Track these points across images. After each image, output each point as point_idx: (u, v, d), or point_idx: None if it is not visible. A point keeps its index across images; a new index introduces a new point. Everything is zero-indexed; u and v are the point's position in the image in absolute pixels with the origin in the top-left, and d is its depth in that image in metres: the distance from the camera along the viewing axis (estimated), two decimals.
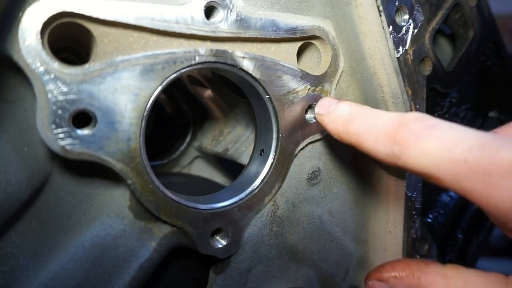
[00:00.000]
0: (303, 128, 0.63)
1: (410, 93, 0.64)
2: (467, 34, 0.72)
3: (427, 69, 0.66)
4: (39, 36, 0.43)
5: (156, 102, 1.20)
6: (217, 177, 0.96)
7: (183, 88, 0.97)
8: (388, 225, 0.70)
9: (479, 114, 0.84)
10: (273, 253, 0.65)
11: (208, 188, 0.77)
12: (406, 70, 0.63)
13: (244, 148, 0.79)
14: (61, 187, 0.53)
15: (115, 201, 0.54)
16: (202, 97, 0.91)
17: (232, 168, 0.91)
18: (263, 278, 0.65)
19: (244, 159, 0.78)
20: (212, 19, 0.54)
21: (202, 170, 0.99)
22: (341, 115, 0.52)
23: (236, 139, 0.84)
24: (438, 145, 0.38)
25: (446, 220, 0.83)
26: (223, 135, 0.89)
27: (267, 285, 0.65)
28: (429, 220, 0.81)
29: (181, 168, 0.98)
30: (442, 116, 0.74)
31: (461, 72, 0.71)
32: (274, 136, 0.62)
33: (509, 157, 0.34)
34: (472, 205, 0.86)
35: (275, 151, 0.62)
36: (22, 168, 0.48)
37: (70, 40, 0.54)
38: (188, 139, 0.98)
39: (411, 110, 0.65)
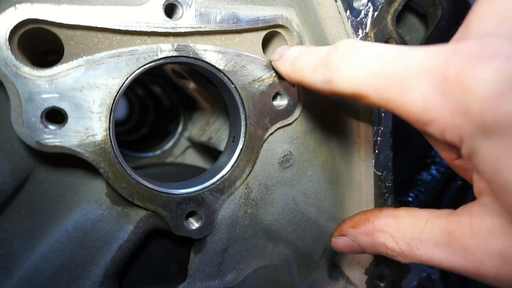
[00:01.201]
0: (271, 114, 0.66)
1: None
2: (435, 12, 0.72)
3: None
4: (7, 43, 0.48)
5: (155, 96, 1.25)
6: (209, 165, 1.01)
7: (172, 82, 1.01)
8: (361, 205, 0.72)
9: None
10: (248, 233, 0.69)
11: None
12: None
13: (224, 136, 0.83)
14: (45, 178, 0.58)
15: (94, 189, 0.59)
16: (188, 89, 0.95)
17: (217, 155, 0.95)
18: (240, 257, 0.69)
19: (223, 146, 0.81)
20: (172, 16, 0.57)
21: (194, 159, 1.04)
22: (290, 56, 0.55)
23: (219, 128, 0.88)
24: (361, 62, 0.39)
25: (427, 199, 0.84)
26: (209, 125, 0.93)
27: (244, 263, 0.69)
28: (410, 199, 0.83)
29: (174, 158, 1.03)
30: None
31: None
32: (243, 123, 0.65)
33: (416, 58, 0.34)
34: (454, 182, 0.87)
35: (244, 137, 0.65)
36: (5, 163, 0.54)
37: (51, 43, 0.59)
38: (179, 130, 1.03)
39: None
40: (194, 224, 0.63)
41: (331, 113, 0.73)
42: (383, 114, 0.68)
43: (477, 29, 0.36)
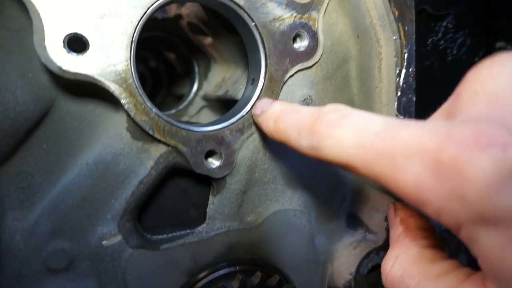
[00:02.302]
0: (291, 55, 0.65)
1: (397, 14, 0.64)
2: None
3: None
4: None
5: (168, 63, 1.24)
6: None
7: (188, 41, 1.01)
8: None
9: (482, 43, 0.81)
10: (268, 177, 0.68)
11: None
12: None
13: (241, 87, 0.82)
14: (66, 113, 0.58)
15: (114, 124, 0.59)
16: (204, 46, 0.94)
17: None
18: (259, 201, 0.68)
19: (240, 96, 0.81)
20: None
21: (209, 118, 1.04)
22: (272, 114, 0.53)
23: (236, 81, 0.87)
24: (349, 133, 0.38)
25: None
26: (225, 81, 0.93)
27: (263, 207, 0.69)
28: None
29: (189, 117, 1.03)
30: (437, 42, 0.73)
31: None
32: (263, 63, 0.64)
33: (409, 136, 0.33)
34: None
35: (264, 77, 0.64)
36: (28, 91, 0.54)
37: None
38: (194, 89, 1.03)
39: (398, 32, 0.65)
40: (214, 163, 0.63)
41: (352, 57, 0.71)
42: (406, 55, 0.66)
43: (469, 107, 0.34)
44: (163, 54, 1.32)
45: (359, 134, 0.37)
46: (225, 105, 0.95)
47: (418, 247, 0.45)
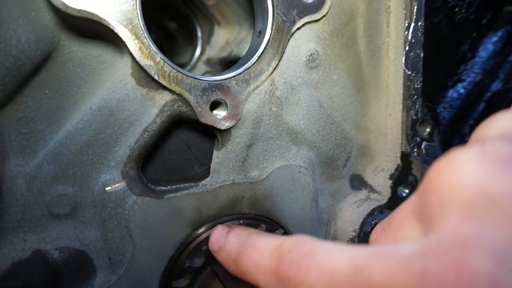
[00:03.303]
0: (298, 7, 0.64)
1: None
2: None
3: None
4: None
5: (168, 33, 1.22)
6: None
7: (191, 4, 0.99)
8: (388, 108, 0.70)
9: (490, 5, 0.81)
10: (273, 132, 0.68)
11: None
12: None
13: (246, 45, 0.81)
14: (69, 59, 0.57)
15: (119, 69, 0.58)
16: (207, 8, 0.93)
17: None
18: (263, 156, 0.68)
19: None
20: None
21: None
22: (230, 252, 0.49)
23: (240, 41, 0.86)
24: (319, 277, 0.35)
25: (452, 116, 0.82)
26: (228, 44, 0.91)
27: (267, 162, 0.68)
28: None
29: None
30: (446, 3, 0.72)
31: None
32: (270, 13, 0.63)
33: (382, 279, 0.30)
34: (480, 101, 0.85)
35: (271, 28, 0.63)
36: (31, 30, 0.52)
37: None
38: (197, 54, 1.01)
39: None
40: (220, 114, 0.62)
41: (359, 13, 0.70)
42: (415, 8, 0.65)
43: (441, 220, 0.30)
44: (164, 24, 1.30)
45: (329, 278, 0.34)
46: (229, 67, 0.93)
47: None
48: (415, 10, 0.65)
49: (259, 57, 0.63)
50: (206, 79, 0.60)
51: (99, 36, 0.55)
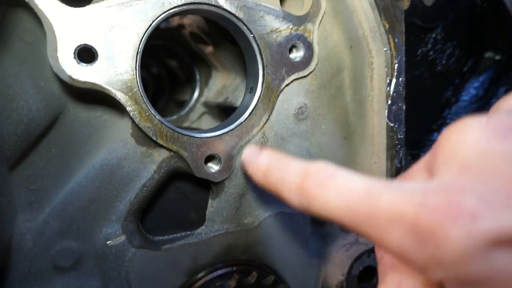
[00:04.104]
0: (287, 65, 0.69)
1: (387, 26, 0.68)
2: None
3: (405, 3, 0.69)
4: None
5: (170, 70, 1.28)
6: None
7: (189, 49, 1.04)
8: (374, 156, 0.74)
9: (470, 53, 0.85)
10: None
11: None
12: (382, 4, 0.66)
13: (240, 94, 0.86)
14: (75, 119, 0.62)
15: (120, 130, 0.62)
16: (205, 54, 0.98)
17: None
18: (256, 204, 0.72)
19: (239, 103, 0.84)
20: None
21: (210, 124, 1.07)
22: (261, 166, 0.56)
23: (235, 88, 0.91)
24: (336, 196, 0.41)
25: None
26: (225, 88, 0.96)
27: (259, 210, 0.72)
28: (422, 154, 0.85)
29: (190, 123, 1.06)
30: (426, 52, 0.77)
31: (443, 7, 0.73)
32: (260, 72, 0.68)
33: (389, 203, 0.36)
34: None
35: (261, 86, 0.68)
36: (40, 99, 0.57)
37: None
38: (195, 96, 1.06)
39: (389, 43, 0.68)
40: (214, 168, 0.66)
41: (346, 66, 0.75)
42: (396, 66, 0.70)
43: (443, 171, 0.37)
44: (165, 61, 1.36)
45: (344, 197, 0.40)
46: (224, 111, 0.98)
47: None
48: (395, 67, 0.70)
49: (251, 113, 0.68)
50: (201, 136, 0.65)
51: (102, 100, 0.60)
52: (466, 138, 0.36)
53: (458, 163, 0.36)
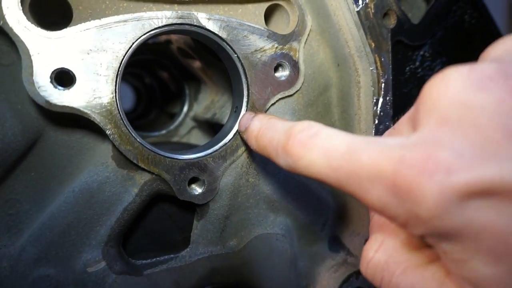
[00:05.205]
0: (272, 84, 0.68)
1: (373, 45, 0.67)
2: None
3: (391, 22, 0.68)
4: (19, 4, 0.50)
5: (161, 81, 1.27)
6: None
7: (178, 63, 1.03)
8: None
9: None
10: (250, 202, 0.70)
11: None
12: (368, 23, 0.65)
13: (227, 111, 0.84)
14: (54, 142, 0.60)
15: (100, 153, 0.61)
16: (194, 69, 0.97)
17: None
18: (241, 225, 0.70)
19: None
20: None
21: (199, 139, 1.06)
22: (253, 131, 0.57)
23: (223, 105, 0.90)
24: (319, 154, 0.41)
25: None
26: (213, 104, 0.95)
27: (245, 231, 0.71)
28: None
29: (179, 137, 1.05)
30: (415, 70, 0.76)
31: (430, 25, 0.73)
32: (245, 92, 0.67)
33: (369, 161, 0.36)
34: None
35: (246, 106, 0.67)
36: (17, 123, 0.56)
37: (58, 13, 0.61)
38: (185, 110, 1.05)
39: (375, 62, 0.67)
40: (197, 190, 0.65)
41: (333, 84, 0.74)
42: (383, 85, 0.69)
43: (424, 125, 0.37)
44: (157, 73, 1.35)
45: (327, 155, 0.40)
46: (213, 127, 0.97)
47: (406, 232, 0.45)
48: (382, 86, 0.69)
49: (235, 133, 0.66)
50: (184, 158, 0.63)
51: (81, 123, 0.59)
52: (446, 89, 0.35)
53: (437, 116, 0.35)
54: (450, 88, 0.35)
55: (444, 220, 0.33)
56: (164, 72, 1.30)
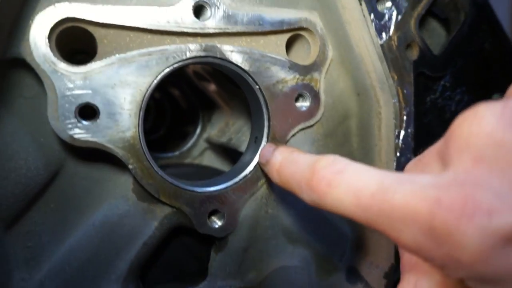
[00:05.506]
0: (293, 115, 0.67)
1: (396, 78, 0.66)
2: (458, 17, 0.73)
3: (414, 54, 0.67)
4: (47, 40, 0.50)
5: (172, 98, 1.27)
6: (226, 167, 1.02)
7: (192, 84, 1.03)
8: None
9: (479, 97, 0.84)
10: (269, 233, 0.69)
11: (215, 177, 0.83)
12: (391, 56, 0.65)
13: (244, 138, 0.84)
14: (75, 173, 0.60)
15: (121, 185, 0.60)
16: (208, 91, 0.97)
17: (237, 157, 0.96)
18: (260, 257, 0.69)
19: (243, 148, 0.82)
20: (200, 17, 0.59)
21: (212, 161, 1.05)
22: (275, 164, 0.56)
23: (239, 129, 0.89)
24: (347, 192, 0.39)
25: None
26: (228, 127, 0.94)
27: (264, 264, 0.69)
28: None
29: (192, 159, 1.05)
30: (435, 100, 0.75)
31: (452, 56, 0.72)
32: (266, 123, 0.66)
33: (403, 202, 0.35)
34: None
35: (267, 137, 0.66)
36: (40, 156, 0.56)
37: (82, 42, 0.61)
38: (198, 131, 1.05)
39: (397, 95, 0.67)
40: (217, 223, 0.64)
41: (353, 113, 0.73)
42: (405, 118, 0.68)
43: (457, 163, 0.36)
44: (168, 89, 1.35)
45: (356, 194, 0.39)
46: (227, 150, 0.96)
47: (441, 273, 0.44)
48: (404, 119, 0.68)
49: (256, 165, 0.66)
50: (204, 191, 0.63)
51: (103, 156, 0.58)
52: (480, 127, 0.34)
53: (471, 154, 0.34)
54: (484, 126, 0.34)
55: (488, 265, 0.31)
56: (175, 90, 1.29)
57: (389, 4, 0.64)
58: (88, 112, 0.54)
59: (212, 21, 0.59)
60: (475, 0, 0.73)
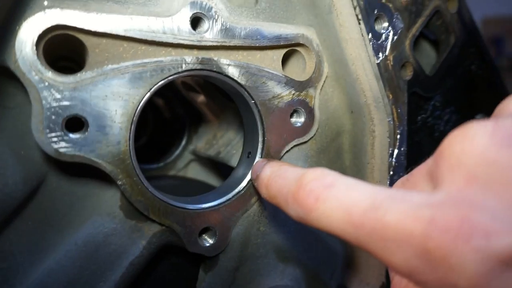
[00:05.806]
0: (288, 131, 0.66)
1: (391, 97, 0.66)
2: (448, 39, 0.74)
3: (408, 74, 0.68)
4: (34, 47, 0.46)
5: (155, 107, 1.24)
6: (212, 179, 0.99)
7: (179, 94, 1.00)
8: None
9: (465, 117, 0.86)
10: (260, 252, 0.67)
11: (201, 190, 0.80)
12: (387, 75, 0.65)
13: (234, 151, 0.82)
14: (56, 188, 0.56)
15: (107, 201, 0.57)
16: (196, 102, 0.94)
17: (225, 170, 0.94)
18: (250, 276, 0.67)
19: (234, 162, 0.80)
20: (198, 29, 0.57)
21: (197, 173, 1.02)
22: (263, 179, 0.53)
23: (227, 142, 0.87)
24: (337, 208, 0.37)
25: None
26: (216, 139, 0.92)
27: (254, 283, 0.67)
28: None
29: (177, 171, 1.01)
30: (425, 119, 0.76)
31: (443, 76, 0.73)
32: (260, 139, 0.65)
33: (396, 221, 0.33)
34: None
35: (261, 153, 0.64)
36: (19, 170, 0.52)
37: (68, 49, 0.57)
38: (183, 143, 1.02)
39: (392, 114, 0.67)
40: (208, 241, 0.61)
41: (345, 130, 0.73)
42: (398, 136, 0.68)
43: (449, 182, 0.34)
44: (151, 99, 1.31)
45: (346, 210, 0.36)
46: (215, 163, 0.94)
47: None
48: (398, 137, 0.68)
49: (249, 181, 0.64)
50: (196, 208, 0.60)
51: (88, 170, 0.55)
52: (472, 146, 0.33)
53: (464, 173, 0.33)
54: (476, 145, 0.33)
55: None
56: (159, 99, 1.26)
57: (385, 24, 0.64)
58: (75, 124, 0.51)
59: (209, 34, 0.57)
60: (465, 24, 0.75)
